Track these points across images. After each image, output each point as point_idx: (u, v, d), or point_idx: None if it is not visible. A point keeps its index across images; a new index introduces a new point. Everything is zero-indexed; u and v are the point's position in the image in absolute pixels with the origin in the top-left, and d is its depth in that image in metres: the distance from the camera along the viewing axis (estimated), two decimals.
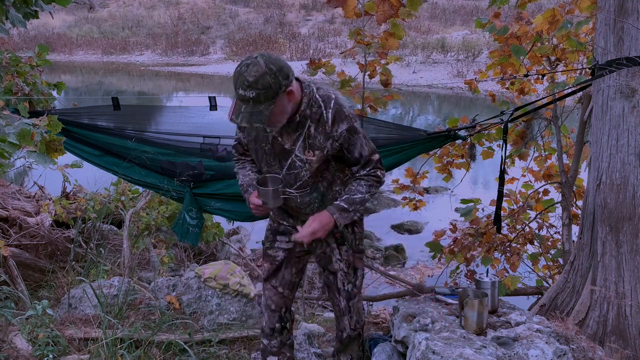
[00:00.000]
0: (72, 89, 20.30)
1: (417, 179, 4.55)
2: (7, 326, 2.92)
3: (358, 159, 2.26)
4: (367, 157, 2.27)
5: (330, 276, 2.52)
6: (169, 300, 3.37)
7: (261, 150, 2.29)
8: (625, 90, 2.61)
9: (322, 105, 2.18)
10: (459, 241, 4.52)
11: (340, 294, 2.52)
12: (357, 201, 2.26)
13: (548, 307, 3.02)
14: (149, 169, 3.49)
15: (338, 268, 2.48)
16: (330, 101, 2.19)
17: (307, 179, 2.27)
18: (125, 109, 3.48)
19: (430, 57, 24.11)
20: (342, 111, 2.19)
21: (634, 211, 2.64)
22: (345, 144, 2.21)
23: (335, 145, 2.20)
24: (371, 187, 2.29)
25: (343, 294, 2.52)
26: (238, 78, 2.01)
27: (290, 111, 2.15)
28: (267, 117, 2.05)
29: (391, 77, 3.68)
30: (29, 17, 3.52)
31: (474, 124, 3.59)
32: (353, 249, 2.48)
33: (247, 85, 1.99)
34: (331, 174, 2.31)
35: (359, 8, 3.36)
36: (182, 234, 3.70)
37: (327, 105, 2.19)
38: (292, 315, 2.62)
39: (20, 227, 4.53)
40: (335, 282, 2.51)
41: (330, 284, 2.54)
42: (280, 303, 2.53)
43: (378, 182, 2.31)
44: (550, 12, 3.62)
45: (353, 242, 2.48)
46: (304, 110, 2.18)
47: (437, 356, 2.29)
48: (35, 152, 2.60)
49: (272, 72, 1.99)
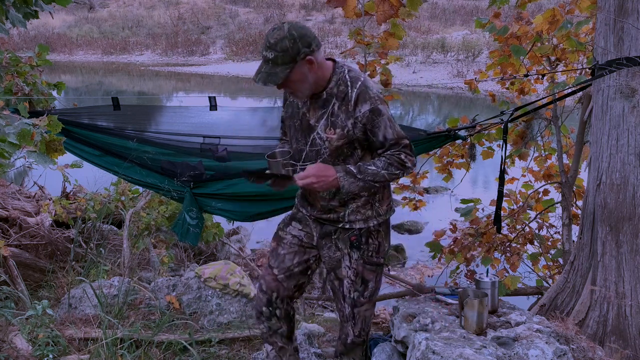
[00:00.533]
0: (72, 89, 20.30)
1: (417, 179, 4.55)
2: (7, 326, 2.92)
3: (383, 142, 2.22)
4: (393, 141, 2.22)
5: (337, 282, 2.45)
6: (169, 300, 3.37)
7: (293, 126, 2.34)
8: (625, 90, 2.61)
9: (349, 85, 2.20)
10: (459, 241, 4.52)
11: (345, 300, 2.46)
12: (369, 172, 2.20)
13: (548, 307, 3.02)
14: (149, 169, 3.49)
15: (345, 275, 2.40)
16: (357, 82, 2.20)
17: (326, 157, 2.25)
18: (125, 109, 3.49)
19: (430, 57, 24.11)
20: (367, 92, 2.18)
21: (634, 211, 2.64)
22: (368, 125, 2.19)
23: (359, 125, 2.19)
24: (390, 166, 2.21)
25: (348, 301, 2.45)
26: (265, 39, 2.12)
27: (312, 82, 2.18)
28: (283, 80, 2.12)
29: (391, 77, 3.68)
30: (29, 17, 3.52)
31: (474, 124, 3.59)
32: (364, 259, 2.38)
33: (268, 47, 2.09)
34: (355, 161, 2.27)
35: (359, 8, 3.36)
36: (182, 234, 3.70)
37: (354, 85, 2.20)
38: (285, 305, 2.50)
39: (20, 227, 4.53)
40: (341, 289, 2.44)
41: (336, 290, 2.48)
42: (272, 286, 2.45)
43: (401, 165, 2.23)
44: (550, 12, 3.62)
45: (366, 252, 2.38)
46: (332, 88, 2.22)
47: (437, 356, 2.29)
48: (35, 152, 2.60)
49: (292, 37, 2.07)
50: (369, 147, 2.27)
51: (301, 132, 2.31)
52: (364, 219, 2.35)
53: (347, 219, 2.34)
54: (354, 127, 2.19)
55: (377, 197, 2.36)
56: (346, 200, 2.31)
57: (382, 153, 2.24)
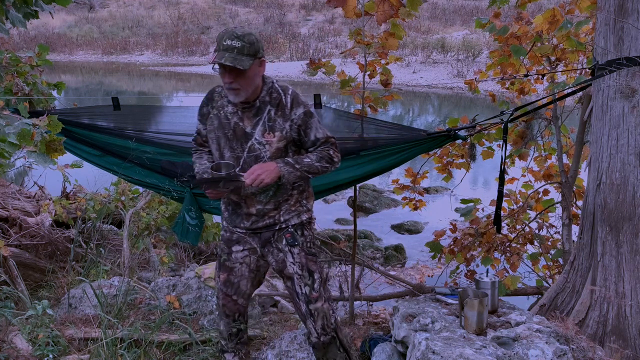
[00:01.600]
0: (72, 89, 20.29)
1: (417, 179, 4.55)
2: (7, 326, 2.92)
3: (314, 141, 2.48)
4: (323, 139, 2.49)
5: (288, 282, 2.60)
6: (169, 300, 3.37)
7: (224, 136, 2.48)
8: (625, 90, 2.61)
9: (281, 92, 2.45)
10: (459, 241, 4.52)
11: (299, 297, 2.59)
12: (305, 163, 2.43)
13: (548, 307, 3.02)
14: (149, 169, 3.48)
15: (293, 272, 2.56)
16: (288, 89, 2.47)
17: (266, 160, 2.44)
18: (125, 109, 3.48)
19: (430, 57, 24.11)
20: (298, 97, 2.46)
21: (634, 211, 2.64)
22: (302, 127, 2.44)
23: (294, 127, 2.43)
24: (322, 160, 2.47)
25: (302, 298, 2.58)
26: (225, 33, 2.28)
27: (255, 84, 2.38)
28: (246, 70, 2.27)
29: (391, 77, 3.68)
30: (29, 17, 3.52)
31: (474, 124, 3.58)
32: (305, 251, 2.57)
33: (235, 37, 2.26)
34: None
35: (359, 8, 3.36)
36: (182, 234, 3.70)
37: (286, 92, 2.46)
38: (246, 317, 2.78)
39: (20, 227, 4.53)
40: (293, 287, 2.58)
41: (290, 290, 2.62)
42: (234, 309, 2.69)
43: (330, 159, 2.49)
44: (550, 12, 3.61)
45: (304, 244, 2.58)
46: (264, 97, 2.43)
47: (437, 356, 2.29)
48: (35, 152, 2.60)
49: (255, 36, 2.33)
50: (301, 147, 2.51)
51: (235, 140, 2.46)
52: (297, 215, 2.57)
53: (282, 219, 2.55)
54: (291, 128, 2.43)
55: (304, 195, 2.60)
56: (280, 201, 2.52)
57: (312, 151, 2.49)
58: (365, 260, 5.72)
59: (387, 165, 3.43)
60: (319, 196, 3.75)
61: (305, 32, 31.05)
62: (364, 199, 8.92)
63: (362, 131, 3.40)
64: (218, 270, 2.70)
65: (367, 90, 3.59)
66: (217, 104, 2.52)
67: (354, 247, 3.89)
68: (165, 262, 4.92)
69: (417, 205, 4.66)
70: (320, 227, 6.86)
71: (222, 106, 2.50)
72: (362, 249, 6.75)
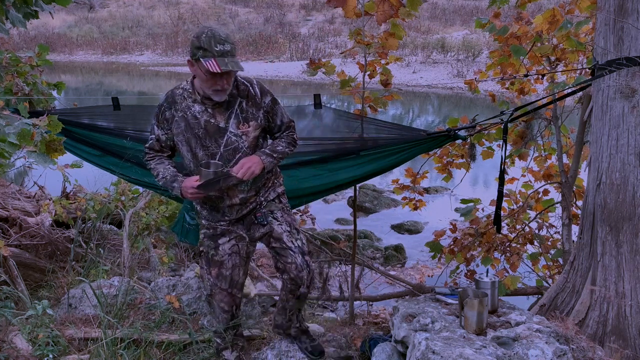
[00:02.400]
0: (72, 89, 20.29)
1: (417, 179, 4.55)
2: (7, 326, 2.92)
3: (280, 125, 2.66)
4: (287, 123, 2.68)
5: (277, 243, 2.69)
6: (169, 300, 3.37)
7: (194, 136, 2.52)
8: (625, 90, 2.61)
9: (247, 84, 2.56)
10: (459, 241, 4.52)
11: (293, 251, 2.68)
12: (279, 151, 2.61)
13: (548, 307, 3.02)
14: None
15: (282, 230, 2.69)
16: (252, 80, 2.59)
17: (245, 150, 2.55)
18: (125, 109, 3.48)
19: (430, 57, 24.11)
20: (263, 87, 2.60)
21: (634, 211, 2.64)
22: (270, 113, 2.60)
23: (265, 114, 2.59)
24: (289, 145, 2.67)
25: (296, 250, 2.68)
26: (212, 37, 2.30)
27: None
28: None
29: (391, 77, 3.67)
30: (29, 17, 3.52)
31: (474, 124, 3.58)
32: (287, 212, 2.78)
33: (224, 40, 2.32)
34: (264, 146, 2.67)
35: (359, 8, 3.36)
36: (182, 234, 3.70)
37: (252, 83, 2.58)
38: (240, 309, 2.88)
39: (20, 227, 4.53)
40: (285, 244, 2.68)
41: (281, 249, 2.68)
42: (231, 302, 2.74)
43: (294, 142, 2.70)
44: (550, 12, 3.61)
45: (285, 207, 2.79)
46: (233, 91, 2.51)
47: (437, 356, 2.29)
48: (35, 152, 2.60)
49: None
50: (267, 130, 2.67)
51: (208, 138, 2.52)
52: (273, 190, 2.76)
53: (262, 199, 2.71)
54: (263, 116, 2.58)
55: (277, 174, 2.81)
56: (259, 186, 2.68)
57: (279, 135, 2.67)
58: (365, 260, 5.72)
59: (387, 165, 3.43)
60: (319, 196, 3.75)
61: (305, 32, 31.05)
62: (364, 199, 8.92)
63: (362, 131, 3.40)
64: (208, 268, 2.71)
65: (367, 90, 3.59)
66: (180, 106, 2.52)
67: (354, 247, 3.89)
68: (165, 262, 4.92)
69: (417, 205, 4.66)
70: (320, 227, 6.86)
71: (187, 107, 2.51)
72: (362, 249, 6.75)
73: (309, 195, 3.58)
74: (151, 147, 2.66)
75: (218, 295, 2.72)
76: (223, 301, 2.73)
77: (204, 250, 2.73)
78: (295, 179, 3.38)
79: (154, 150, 2.66)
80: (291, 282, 2.71)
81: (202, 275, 2.76)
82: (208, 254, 2.71)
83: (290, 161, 3.36)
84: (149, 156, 2.67)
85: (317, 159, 3.40)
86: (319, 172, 3.44)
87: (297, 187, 3.42)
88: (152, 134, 2.63)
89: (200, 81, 2.43)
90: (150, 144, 2.65)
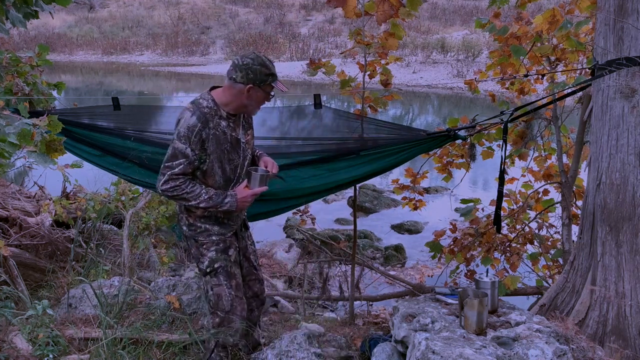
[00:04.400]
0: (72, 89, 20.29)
1: (417, 179, 4.55)
2: (7, 326, 2.92)
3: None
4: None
5: (247, 262, 2.92)
6: (169, 300, 3.37)
7: (222, 152, 2.60)
8: (625, 90, 2.61)
9: None
10: (459, 241, 4.52)
11: (257, 270, 2.98)
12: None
13: (548, 307, 3.02)
14: (149, 169, 3.48)
15: (251, 251, 2.95)
16: None
17: (249, 157, 2.75)
18: (125, 109, 3.48)
19: (430, 57, 24.12)
20: None
21: (634, 211, 2.64)
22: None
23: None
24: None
25: (259, 268, 3.00)
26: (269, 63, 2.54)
27: None
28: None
29: (391, 77, 3.67)
30: (29, 17, 3.51)
31: (474, 124, 3.58)
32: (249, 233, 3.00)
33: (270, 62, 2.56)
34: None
35: (359, 8, 3.36)
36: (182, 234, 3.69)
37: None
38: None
39: (20, 227, 4.53)
40: (252, 263, 2.95)
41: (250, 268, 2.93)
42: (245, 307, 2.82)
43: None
44: (550, 12, 3.61)
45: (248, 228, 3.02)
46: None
47: (437, 356, 2.29)
48: (35, 152, 2.59)
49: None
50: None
51: (233, 151, 2.64)
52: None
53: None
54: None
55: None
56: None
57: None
58: (365, 260, 5.73)
59: (387, 165, 3.43)
60: (319, 196, 3.75)
61: (305, 32, 31.05)
62: (364, 199, 8.92)
63: (362, 131, 3.40)
64: (228, 281, 2.71)
65: (367, 90, 3.59)
66: (212, 125, 2.54)
67: (354, 247, 3.89)
68: (165, 262, 4.92)
69: (417, 205, 4.66)
70: (320, 227, 6.86)
71: (217, 125, 2.56)
72: (362, 249, 6.75)
73: (309, 195, 3.57)
74: (184, 172, 2.51)
75: (239, 306, 2.74)
76: (243, 310, 2.77)
77: (222, 265, 2.70)
78: (296, 179, 3.38)
79: (185, 175, 2.53)
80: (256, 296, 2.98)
81: (220, 294, 2.70)
82: (226, 268, 2.71)
83: (290, 161, 3.36)
84: (180, 181, 2.52)
85: (317, 159, 3.40)
86: (319, 172, 3.44)
87: (297, 187, 3.42)
88: (180, 158, 2.50)
89: (254, 102, 2.59)
90: (181, 169, 2.50)
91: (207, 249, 2.69)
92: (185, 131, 2.47)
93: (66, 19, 35.43)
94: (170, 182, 2.51)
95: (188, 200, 2.54)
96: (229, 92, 2.55)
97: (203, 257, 2.69)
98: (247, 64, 2.49)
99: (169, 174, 2.50)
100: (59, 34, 33.53)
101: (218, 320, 2.72)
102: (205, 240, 2.69)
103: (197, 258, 2.72)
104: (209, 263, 2.68)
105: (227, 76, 2.55)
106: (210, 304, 2.73)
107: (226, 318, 2.72)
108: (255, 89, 2.52)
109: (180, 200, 2.58)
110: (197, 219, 2.67)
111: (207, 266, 2.69)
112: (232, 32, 32.07)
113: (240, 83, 2.50)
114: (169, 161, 2.50)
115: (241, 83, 2.50)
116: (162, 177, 2.52)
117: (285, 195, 3.48)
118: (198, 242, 2.70)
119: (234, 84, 2.52)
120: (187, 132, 2.47)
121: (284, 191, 3.41)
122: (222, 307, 2.70)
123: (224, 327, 2.73)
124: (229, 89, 2.55)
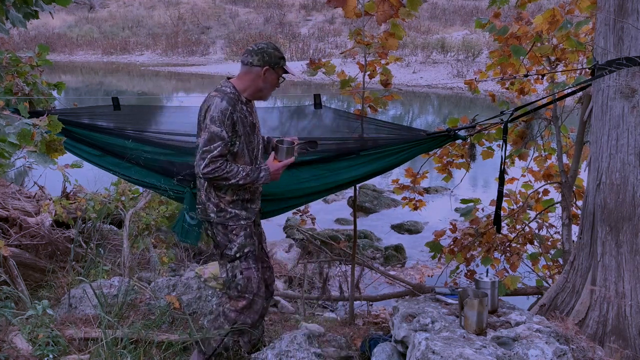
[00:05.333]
0: (72, 89, 20.29)
1: (417, 179, 4.55)
2: (7, 326, 2.92)
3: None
4: None
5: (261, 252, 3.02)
6: (169, 300, 3.37)
7: (246, 134, 2.73)
8: (625, 90, 2.61)
9: None
10: (459, 241, 4.52)
11: (269, 257, 3.12)
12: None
13: (548, 307, 3.02)
14: (149, 169, 3.48)
15: (264, 238, 3.08)
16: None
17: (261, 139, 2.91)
18: (126, 109, 3.48)
19: (430, 57, 24.11)
20: None
21: (634, 211, 2.64)
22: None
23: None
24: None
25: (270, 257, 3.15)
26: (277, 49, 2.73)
27: None
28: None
29: (391, 77, 3.68)
30: (29, 17, 3.51)
31: (474, 124, 3.58)
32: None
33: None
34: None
35: (359, 8, 3.36)
36: (182, 234, 3.69)
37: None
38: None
39: (20, 227, 4.53)
40: (265, 250, 3.08)
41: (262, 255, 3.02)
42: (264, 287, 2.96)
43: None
44: (550, 12, 3.61)
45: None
46: None
47: (437, 356, 2.29)
48: (35, 152, 2.59)
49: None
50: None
51: (253, 134, 2.80)
52: None
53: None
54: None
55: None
56: None
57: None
58: (365, 260, 5.73)
59: (387, 165, 3.43)
60: (319, 196, 3.75)
61: (305, 32, 31.05)
62: (364, 199, 8.92)
63: (362, 131, 3.40)
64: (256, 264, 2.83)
65: (367, 90, 3.59)
66: (238, 108, 2.69)
67: (354, 247, 3.89)
68: (165, 262, 4.92)
69: (417, 205, 4.66)
70: (320, 227, 6.86)
71: (241, 109, 2.71)
72: (362, 249, 6.75)
73: (309, 195, 3.57)
74: (221, 153, 2.62)
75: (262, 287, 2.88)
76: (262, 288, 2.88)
77: (251, 250, 2.82)
78: (296, 179, 3.38)
79: (223, 156, 2.64)
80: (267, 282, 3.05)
81: (250, 276, 2.81)
82: (254, 252, 2.84)
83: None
84: (220, 163, 2.62)
85: (317, 159, 3.40)
86: (319, 172, 3.44)
87: (298, 187, 3.42)
88: (217, 140, 2.59)
89: (268, 85, 2.74)
90: (219, 151, 2.60)
91: (236, 234, 2.80)
92: (219, 114, 2.60)
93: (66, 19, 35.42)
94: (211, 165, 2.60)
95: (228, 179, 2.65)
96: (245, 78, 2.72)
97: (232, 243, 2.79)
98: (262, 48, 2.70)
99: (209, 158, 2.60)
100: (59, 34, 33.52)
101: (245, 302, 2.82)
102: (235, 225, 2.79)
103: (225, 244, 2.80)
104: (239, 248, 2.79)
105: (243, 63, 2.72)
106: (238, 288, 2.81)
107: (253, 300, 2.84)
108: (270, 71, 2.70)
109: (221, 181, 2.67)
110: (227, 204, 2.77)
111: (237, 251, 2.79)
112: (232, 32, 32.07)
113: (257, 66, 2.68)
114: (207, 145, 2.59)
115: (258, 66, 2.68)
116: (202, 161, 2.60)
117: (285, 195, 3.47)
118: (228, 228, 2.79)
119: (250, 68, 2.69)
120: (220, 115, 2.60)
121: (284, 191, 3.41)
122: (250, 290, 2.81)
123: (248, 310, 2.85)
124: (245, 75, 2.72)
